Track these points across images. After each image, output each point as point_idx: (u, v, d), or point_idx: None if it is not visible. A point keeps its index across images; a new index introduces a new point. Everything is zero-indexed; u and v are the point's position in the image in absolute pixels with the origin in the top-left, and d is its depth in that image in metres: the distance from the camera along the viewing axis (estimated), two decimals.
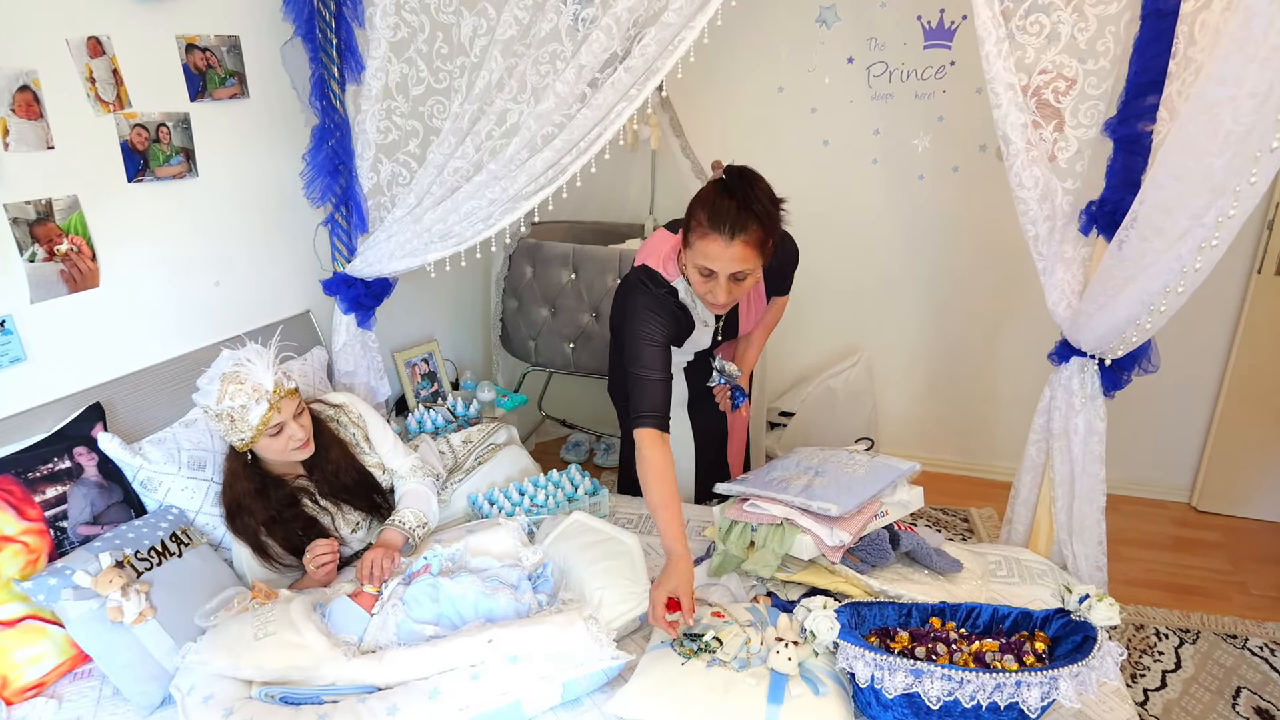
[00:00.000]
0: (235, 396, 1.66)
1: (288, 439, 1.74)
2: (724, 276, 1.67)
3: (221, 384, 1.67)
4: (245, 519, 1.77)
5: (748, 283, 1.71)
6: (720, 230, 1.63)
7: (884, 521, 1.83)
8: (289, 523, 1.80)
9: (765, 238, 1.65)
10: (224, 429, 1.71)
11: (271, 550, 1.78)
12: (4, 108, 1.62)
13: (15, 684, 1.51)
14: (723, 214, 1.63)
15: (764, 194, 1.66)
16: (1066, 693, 1.28)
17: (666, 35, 1.88)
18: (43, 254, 1.73)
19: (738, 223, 1.62)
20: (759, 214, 1.63)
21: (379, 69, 2.08)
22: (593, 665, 1.48)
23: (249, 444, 1.72)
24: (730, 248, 1.63)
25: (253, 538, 1.77)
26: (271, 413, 1.69)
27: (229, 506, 1.78)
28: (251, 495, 1.77)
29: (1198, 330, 2.99)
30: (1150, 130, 1.56)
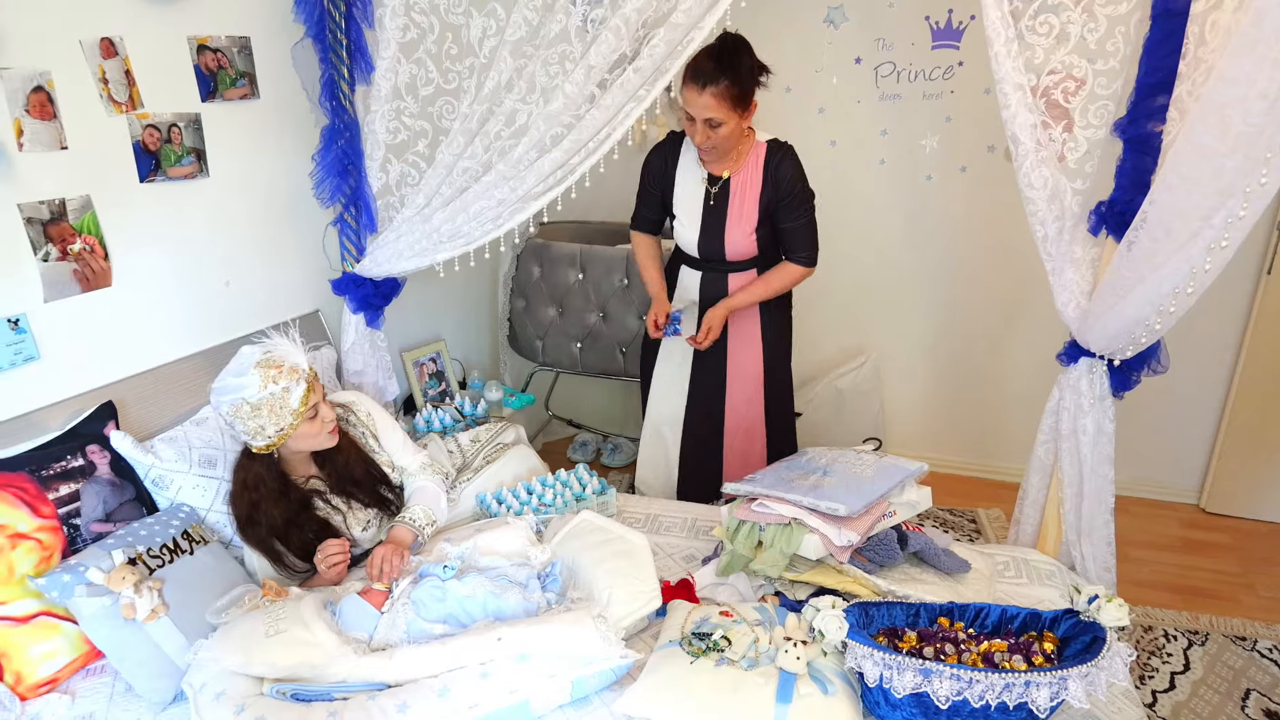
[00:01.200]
0: (278, 380, 1.65)
1: (321, 422, 1.75)
2: (700, 121, 2.02)
3: (260, 372, 1.65)
4: (258, 528, 1.76)
5: (722, 131, 2.02)
6: (695, 81, 1.97)
7: (892, 521, 1.83)
8: (302, 526, 1.81)
9: (735, 91, 1.97)
10: (258, 424, 1.66)
11: (286, 559, 1.79)
12: (19, 108, 1.63)
13: (29, 680, 1.52)
14: (700, 68, 1.97)
15: (742, 59, 1.97)
16: (1075, 693, 1.28)
17: (675, 36, 1.88)
18: (56, 253, 1.74)
19: (710, 76, 1.96)
20: (730, 72, 1.96)
21: (388, 70, 2.09)
22: (601, 664, 1.49)
23: (284, 436, 1.69)
24: (702, 96, 1.97)
25: (267, 546, 1.77)
26: (310, 393, 1.70)
27: (242, 515, 1.76)
28: (272, 498, 1.76)
29: (1207, 331, 2.98)
30: (1160, 131, 1.56)
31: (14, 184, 1.65)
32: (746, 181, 2.16)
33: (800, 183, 2.16)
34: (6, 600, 1.52)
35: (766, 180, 2.15)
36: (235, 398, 1.66)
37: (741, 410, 2.39)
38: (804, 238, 2.20)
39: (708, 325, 2.19)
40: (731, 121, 2.02)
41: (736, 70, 1.97)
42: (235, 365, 1.70)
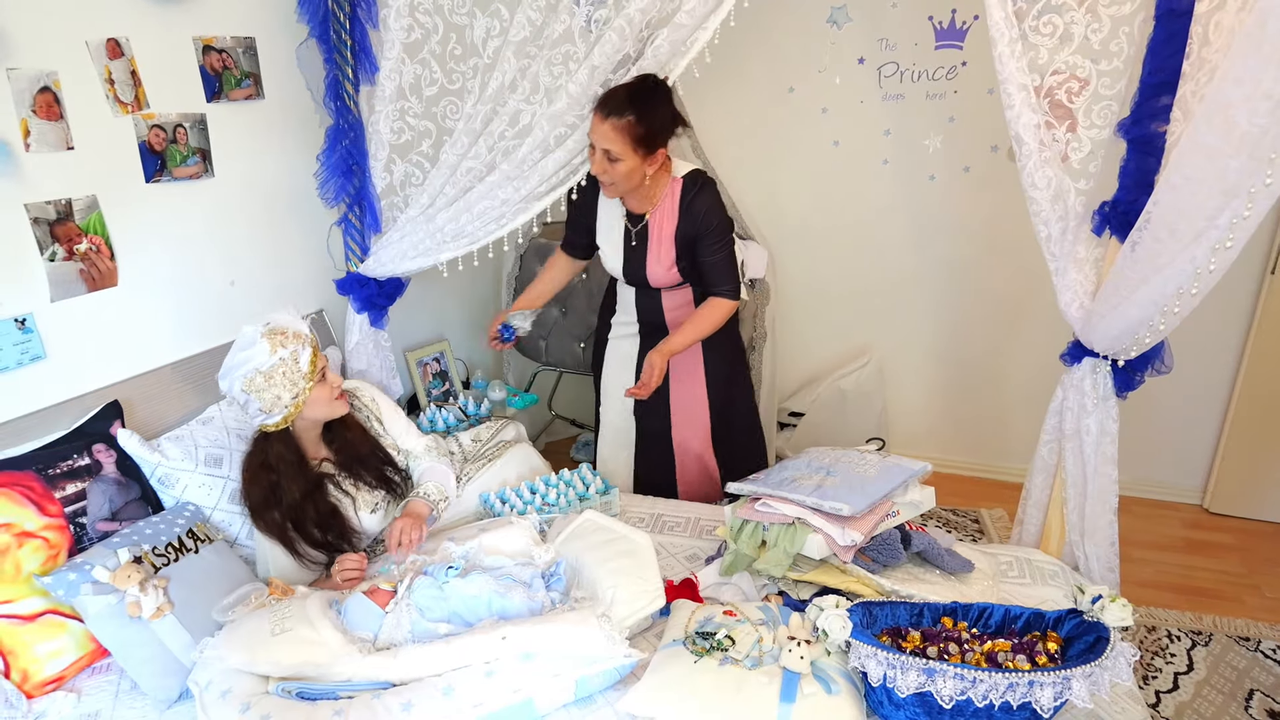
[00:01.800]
0: (285, 344, 1.71)
1: (330, 386, 1.81)
2: (599, 150, 1.97)
3: (267, 340, 1.70)
4: (274, 511, 1.78)
5: (620, 168, 1.97)
6: (601, 109, 1.94)
7: (896, 521, 1.83)
8: (317, 508, 1.83)
9: (639, 130, 1.92)
10: (275, 393, 1.70)
11: (299, 545, 1.80)
12: (25, 109, 1.64)
13: (35, 678, 1.53)
14: (610, 97, 1.94)
15: (659, 102, 1.93)
16: (1079, 693, 1.28)
17: (679, 36, 1.89)
18: (62, 253, 1.75)
19: (617, 108, 1.91)
20: (638, 109, 1.91)
21: (393, 70, 2.10)
22: (605, 663, 1.49)
23: (299, 402, 1.73)
24: (603, 125, 1.93)
25: (281, 530, 1.79)
26: (316, 355, 1.76)
27: (258, 498, 1.79)
28: (291, 474, 1.79)
29: (1211, 331, 2.97)
30: (1164, 131, 1.55)
31: (21, 184, 1.66)
32: (663, 218, 2.12)
33: (716, 216, 2.08)
34: (13, 598, 1.52)
35: (682, 215, 2.09)
36: (247, 369, 1.69)
37: (691, 444, 2.36)
38: (724, 271, 2.11)
39: (647, 372, 2.06)
40: (630, 161, 1.95)
41: (646, 110, 1.91)
42: (240, 341, 1.74)
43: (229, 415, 1.97)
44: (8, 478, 1.58)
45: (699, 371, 2.29)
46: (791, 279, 3.38)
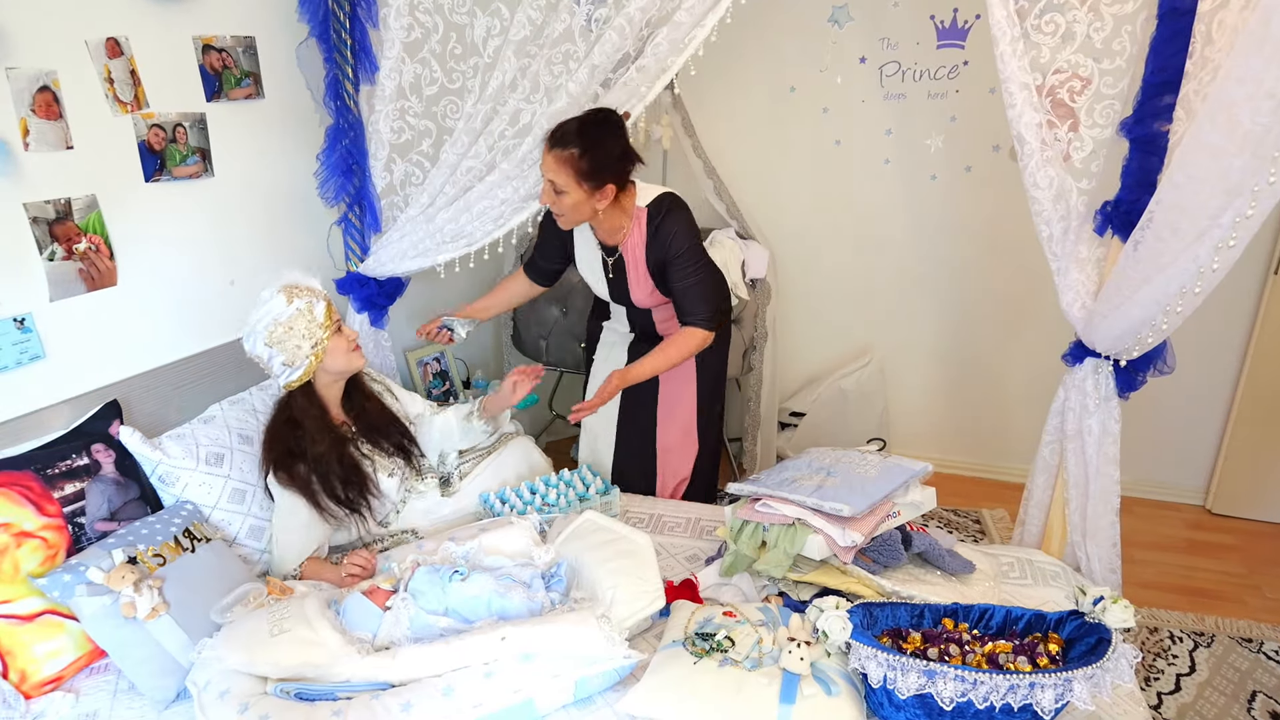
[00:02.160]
0: (301, 295, 1.81)
1: (347, 339, 1.89)
2: (546, 180, 1.95)
3: (283, 293, 1.81)
4: (299, 463, 1.83)
5: (565, 200, 1.95)
6: (548, 139, 1.92)
7: (896, 522, 1.83)
8: (340, 461, 1.88)
9: (583, 165, 1.90)
10: (295, 342, 1.79)
11: (321, 498, 1.84)
12: (24, 108, 1.64)
13: (34, 678, 1.53)
14: (559, 130, 1.91)
15: (608, 137, 1.91)
16: (1081, 695, 1.27)
17: (679, 35, 1.89)
18: (62, 253, 1.74)
19: (563, 139, 1.90)
20: (584, 142, 1.88)
21: (393, 69, 2.10)
22: (605, 664, 1.49)
23: (320, 350, 1.82)
24: (549, 155, 1.92)
25: (304, 483, 1.83)
26: (331, 309, 1.85)
27: (282, 451, 1.84)
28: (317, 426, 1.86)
29: (1213, 331, 2.97)
30: (1166, 130, 1.55)
31: (20, 183, 1.65)
32: (635, 247, 2.09)
33: (685, 239, 2.02)
34: (11, 599, 1.52)
35: (650, 242, 2.06)
36: (268, 321, 1.80)
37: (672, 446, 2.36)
38: (695, 298, 2.05)
39: (599, 392, 2.04)
40: (575, 194, 1.93)
41: (593, 144, 1.88)
42: (259, 301, 1.83)
43: (230, 414, 1.97)
44: (6, 477, 1.58)
45: (691, 375, 2.29)
46: (792, 279, 3.37)
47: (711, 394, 2.34)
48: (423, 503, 2.07)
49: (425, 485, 2.08)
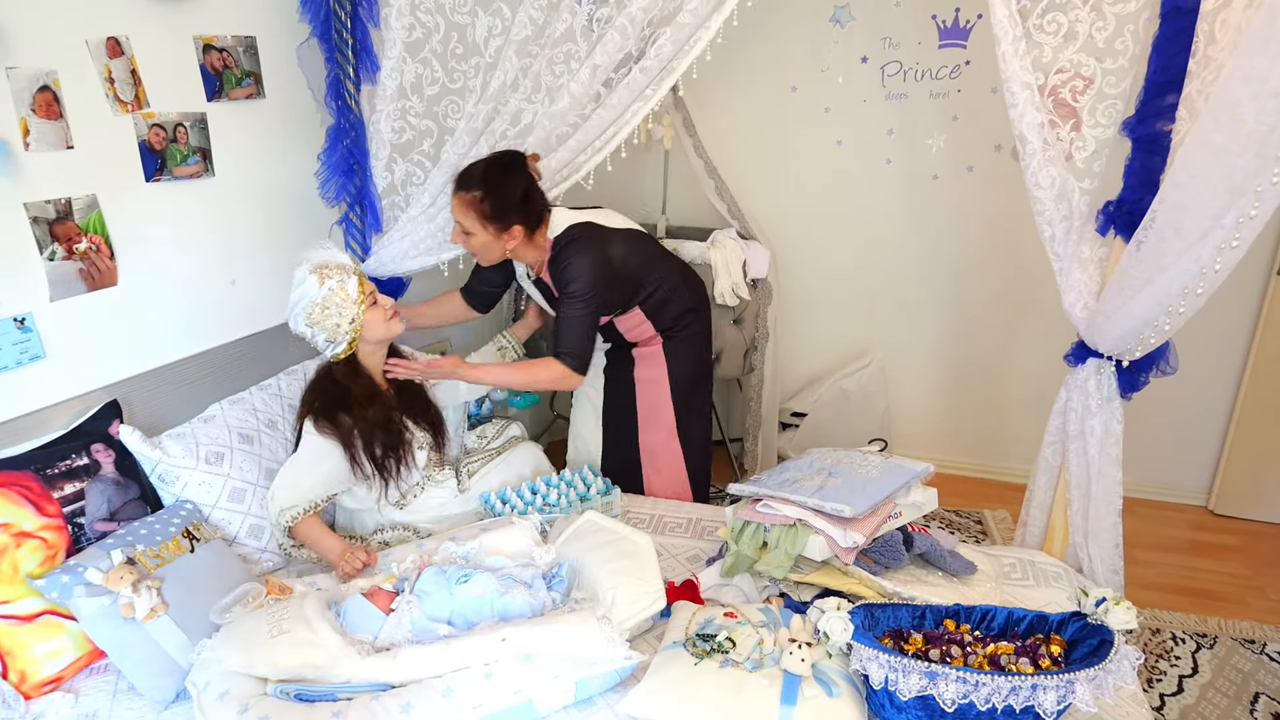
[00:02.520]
0: (331, 275, 1.85)
1: (383, 309, 1.93)
2: (455, 222, 2.01)
3: (316, 275, 1.85)
4: (339, 414, 1.88)
5: (473, 241, 2.02)
6: (454, 182, 1.99)
7: (898, 523, 1.82)
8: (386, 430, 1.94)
9: (484, 208, 1.96)
10: (333, 321, 1.85)
11: (358, 453, 1.89)
12: (25, 108, 1.63)
13: (33, 678, 1.52)
14: (464, 173, 1.98)
15: (512, 180, 1.96)
16: (1083, 696, 1.27)
17: (681, 35, 1.88)
18: (62, 253, 1.74)
19: (465, 182, 1.96)
20: (486, 186, 1.94)
21: (394, 69, 2.10)
22: (605, 665, 1.48)
23: (358, 326, 1.87)
24: (454, 198, 1.99)
25: (346, 434, 1.88)
26: (363, 282, 1.89)
27: (324, 402, 1.89)
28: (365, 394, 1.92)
29: (1216, 331, 2.96)
30: (1169, 130, 1.54)
31: (20, 183, 1.65)
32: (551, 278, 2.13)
33: (575, 279, 2.03)
34: (11, 599, 1.52)
35: (553, 276, 2.10)
36: (305, 304, 1.85)
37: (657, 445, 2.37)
38: (566, 333, 2.05)
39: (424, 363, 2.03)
40: (481, 235, 1.99)
41: (495, 188, 1.94)
42: (294, 283, 1.88)
43: (230, 414, 1.97)
44: (6, 478, 1.58)
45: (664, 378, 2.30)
46: (794, 279, 3.37)
47: (688, 396, 2.36)
48: (438, 495, 2.06)
49: (443, 475, 2.10)
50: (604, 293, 2.09)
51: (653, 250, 2.26)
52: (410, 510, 2.04)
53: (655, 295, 2.20)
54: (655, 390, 2.32)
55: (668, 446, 2.37)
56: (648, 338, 2.28)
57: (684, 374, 2.32)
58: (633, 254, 2.15)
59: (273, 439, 2.00)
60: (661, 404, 2.33)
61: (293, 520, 1.84)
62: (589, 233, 2.09)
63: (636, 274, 2.16)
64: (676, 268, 2.29)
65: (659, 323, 2.24)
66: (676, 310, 2.25)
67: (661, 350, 2.29)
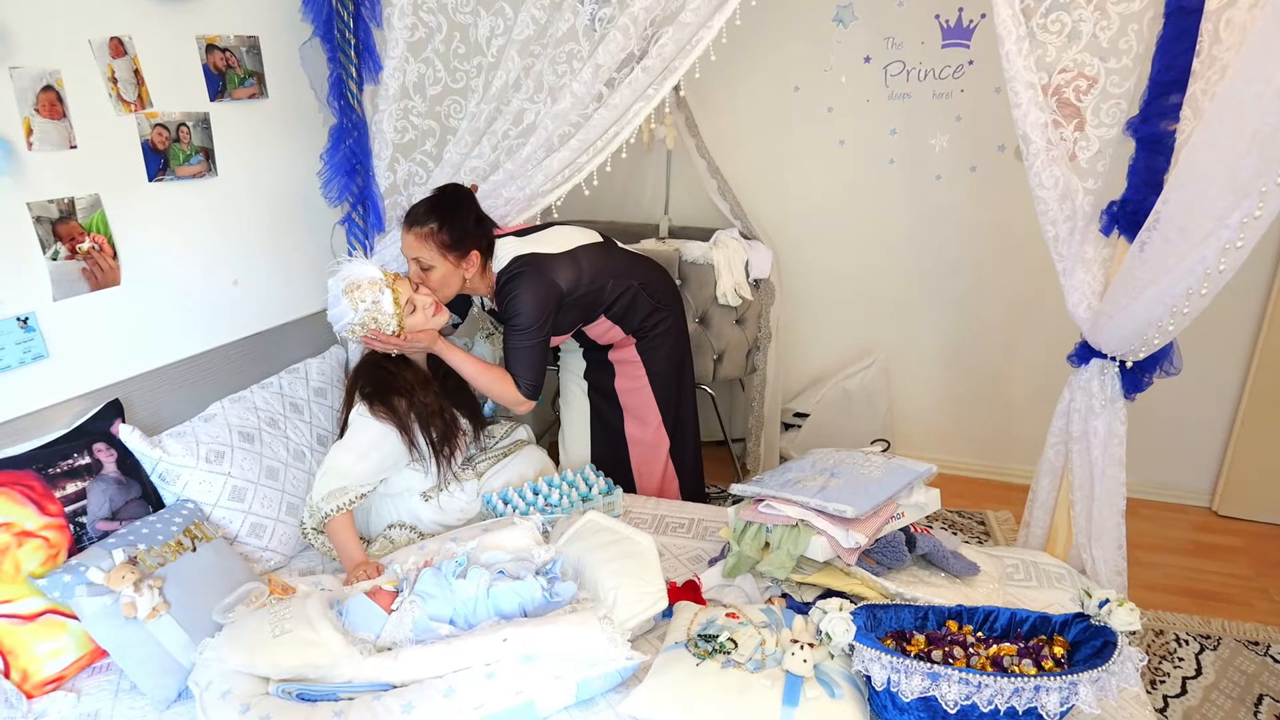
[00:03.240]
0: (364, 296, 1.85)
1: (423, 312, 1.94)
2: (410, 261, 2.00)
3: (347, 298, 1.86)
4: (396, 399, 1.93)
5: (434, 276, 2.00)
6: (405, 221, 1.98)
7: (900, 523, 1.82)
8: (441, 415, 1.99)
9: (445, 237, 1.95)
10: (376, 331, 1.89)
11: (416, 436, 1.94)
12: (28, 107, 1.64)
13: (35, 677, 1.53)
14: (412, 212, 1.97)
15: (461, 209, 1.97)
16: (1086, 698, 1.27)
17: (684, 35, 1.88)
18: (65, 252, 1.75)
19: (419, 218, 1.96)
20: (440, 215, 1.94)
21: (396, 69, 2.10)
22: (607, 665, 1.48)
23: (405, 330, 1.90)
24: (408, 235, 1.97)
25: (403, 419, 1.92)
26: (398, 292, 1.89)
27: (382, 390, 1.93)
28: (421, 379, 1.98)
29: (1220, 332, 2.95)
30: (1173, 130, 1.54)
31: (24, 183, 1.65)
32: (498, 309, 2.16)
33: (518, 310, 2.03)
34: (13, 598, 1.52)
35: (497, 296, 2.11)
36: (345, 324, 1.89)
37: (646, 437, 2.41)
38: (516, 363, 2.06)
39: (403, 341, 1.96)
40: (442, 266, 1.98)
41: (449, 217, 1.95)
42: (330, 300, 1.91)
43: (231, 412, 1.97)
44: (8, 477, 1.58)
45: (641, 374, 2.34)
46: (796, 279, 3.37)
47: (668, 391, 2.38)
48: (461, 495, 2.07)
49: (466, 474, 2.12)
50: (553, 320, 2.08)
51: (608, 261, 2.20)
52: (431, 508, 2.04)
53: (618, 303, 2.21)
54: (637, 392, 2.36)
55: (656, 440, 2.40)
56: (620, 339, 2.31)
57: (662, 369, 2.35)
58: (584, 272, 2.12)
59: (273, 438, 2.00)
60: (645, 402, 2.36)
61: (336, 510, 1.86)
62: (533, 265, 2.05)
63: (592, 289, 2.14)
64: (638, 273, 2.25)
65: (628, 326, 2.26)
66: (644, 311, 2.25)
67: (636, 350, 2.31)
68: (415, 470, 2.01)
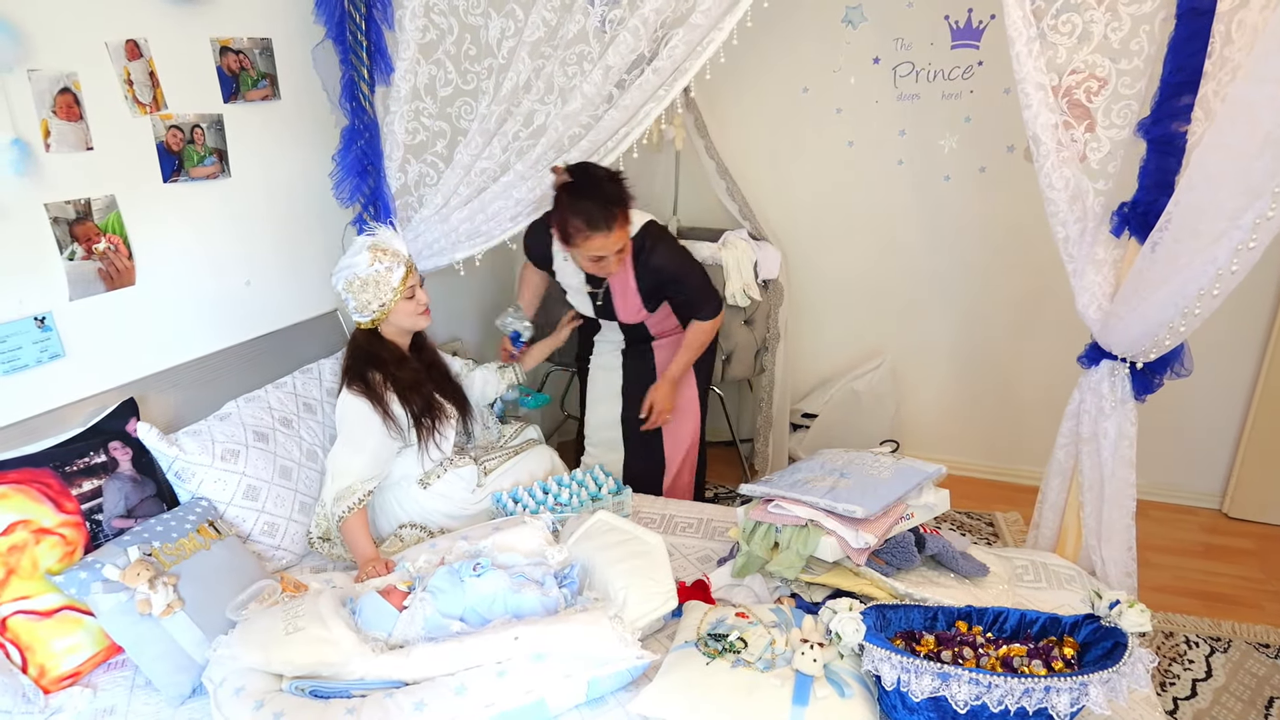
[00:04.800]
0: (382, 260, 1.91)
1: (417, 302, 1.99)
2: (611, 255, 2.08)
3: (370, 252, 1.91)
4: (373, 372, 1.96)
5: (622, 254, 2.12)
6: (599, 229, 2.01)
7: (910, 524, 1.82)
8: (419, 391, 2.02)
9: (623, 214, 2.05)
10: (366, 297, 1.93)
11: (391, 408, 1.95)
12: (46, 109, 1.65)
13: (52, 673, 1.54)
14: (595, 217, 2.01)
15: (607, 180, 2.03)
16: (1096, 699, 1.27)
17: (694, 37, 1.89)
18: (81, 252, 1.76)
19: (609, 217, 2.01)
20: (616, 199, 2.02)
21: (408, 70, 2.11)
22: (617, 664, 1.49)
23: (385, 310, 1.94)
24: (610, 237, 2.02)
25: (379, 393, 1.95)
26: (409, 275, 1.94)
27: (358, 366, 1.97)
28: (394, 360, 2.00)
29: (1231, 333, 2.94)
30: (1185, 131, 1.54)
31: (41, 184, 1.67)
32: (624, 279, 2.23)
33: (673, 264, 2.21)
34: (31, 594, 1.54)
35: (639, 274, 2.21)
36: (349, 273, 1.93)
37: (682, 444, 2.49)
38: (696, 301, 2.26)
39: (658, 408, 2.30)
40: (624, 241, 2.08)
41: (615, 192, 2.02)
42: (351, 249, 1.95)
43: (246, 411, 1.98)
44: (26, 475, 1.60)
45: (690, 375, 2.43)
46: (805, 280, 3.37)
47: (707, 385, 2.52)
48: (457, 484, 2.08)
49: (464, 463, 2.13)
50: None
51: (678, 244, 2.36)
52: (433, 495, 2.04)
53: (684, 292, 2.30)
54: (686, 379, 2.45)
55: (692, 439, 2.50)
56: (670, 329, 2.39)
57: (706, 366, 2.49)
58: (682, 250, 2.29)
59: (287, 437, 2.02)
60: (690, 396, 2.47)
61: (347, 511, 1.89)
62: (659, 230, 2.22)
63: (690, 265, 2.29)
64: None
65: (682, 316, 2.36)
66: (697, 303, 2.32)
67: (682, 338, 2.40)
68: (408, 452, 2.04)
